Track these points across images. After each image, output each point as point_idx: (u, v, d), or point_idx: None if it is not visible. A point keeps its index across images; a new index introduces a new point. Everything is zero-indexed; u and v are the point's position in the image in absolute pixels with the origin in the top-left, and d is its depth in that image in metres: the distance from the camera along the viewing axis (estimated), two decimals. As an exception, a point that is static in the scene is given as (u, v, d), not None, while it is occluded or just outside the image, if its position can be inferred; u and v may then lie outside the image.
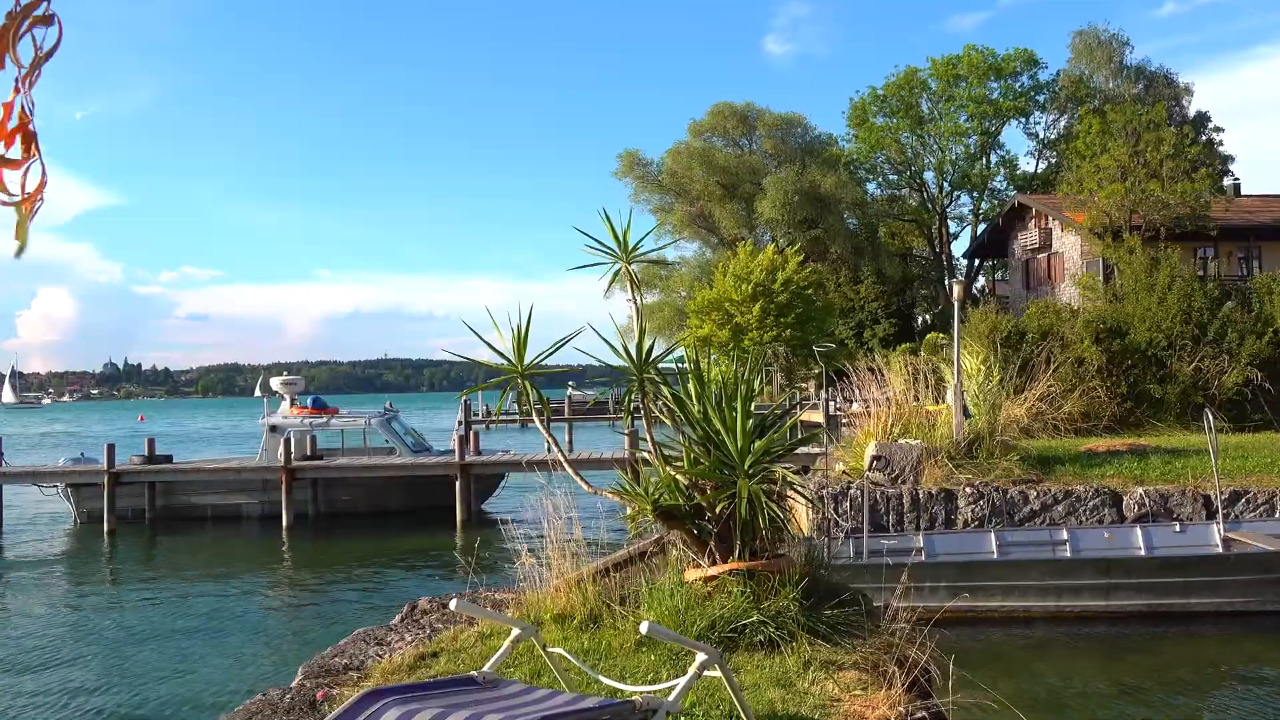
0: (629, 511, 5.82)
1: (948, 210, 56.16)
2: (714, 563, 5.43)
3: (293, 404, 27.55)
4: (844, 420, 21.26)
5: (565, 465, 6.06)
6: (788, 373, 38.49)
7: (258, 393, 37.00)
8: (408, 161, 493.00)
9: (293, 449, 24.52)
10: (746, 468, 5.32)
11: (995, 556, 12.34)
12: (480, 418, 52.13)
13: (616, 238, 5.80)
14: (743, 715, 4.14)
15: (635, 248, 5.82)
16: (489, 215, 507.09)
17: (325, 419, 27.09)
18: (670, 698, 3.72)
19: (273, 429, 26.28)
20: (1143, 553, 12.30)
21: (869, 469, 13.63)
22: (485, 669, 3.96)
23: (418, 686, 3.70)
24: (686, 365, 6.01)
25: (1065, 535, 12.59)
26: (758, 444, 5.39)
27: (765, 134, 52.59)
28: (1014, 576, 11.95)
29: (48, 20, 1.97)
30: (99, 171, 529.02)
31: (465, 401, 46.63)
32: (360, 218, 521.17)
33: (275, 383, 28.23)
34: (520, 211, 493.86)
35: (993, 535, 12.60)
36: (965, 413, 14.43)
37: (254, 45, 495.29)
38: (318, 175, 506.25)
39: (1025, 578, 11.92)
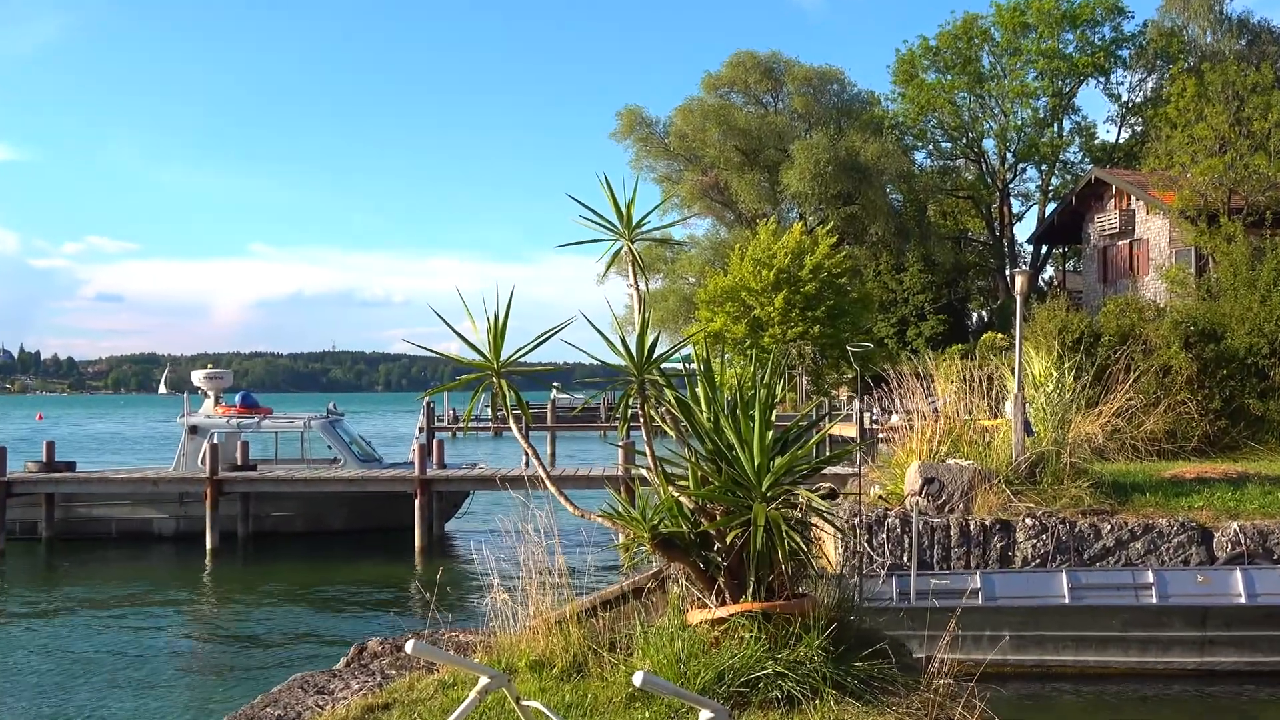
0: (622, 540, 5.81)
1: (1010, 186, 56.24)
2: (723, 602, 5.42)
3: (217, 402, 27.54)
4: (881, 435, 21.29)
5: (547, 482, 6.04)
6: (815, 377, 38.52)
7: (163, 389, 36.80)
8: (363, 114, 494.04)
9: (219, 456, 24.52)
10: (764, 490, 5.31)
11: (1068, 601, 12.38)
12: (445, 424, 52.19)
13: (619, 209, 5.77)
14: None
15: (640, 223, 5.80)
16: (460, 181, 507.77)
17: (256, 420, 27.10)
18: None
19: (193, 430, 26.29)
20: (1244, 600, 12.31)
21: (916, 494, 13.63)
22: (447, 725, 3.96)
23: (365, 744, 3.69)
24: (695, 365, 6.00)
25: (1150, 578, 12.60)
26: (778, 461, 5.38)
27: (794, 91, 52.63)
28: (1090, 625, 12.00)
29: None
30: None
31: (428, 404, 46.70)
32: (305, 182, 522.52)
33: (197, 377, 28.26)
34: (498, 178, 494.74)
35: (1064, 576, 12.63)
36: (1027, 429, 14.44)
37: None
38: (254, 130, 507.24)
39: (1104, 627, 11.96)
